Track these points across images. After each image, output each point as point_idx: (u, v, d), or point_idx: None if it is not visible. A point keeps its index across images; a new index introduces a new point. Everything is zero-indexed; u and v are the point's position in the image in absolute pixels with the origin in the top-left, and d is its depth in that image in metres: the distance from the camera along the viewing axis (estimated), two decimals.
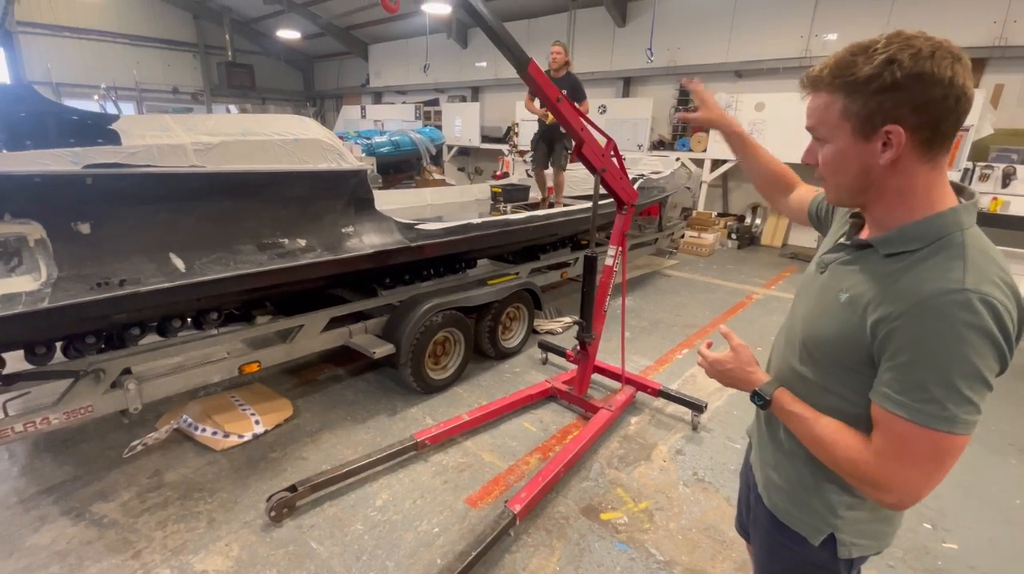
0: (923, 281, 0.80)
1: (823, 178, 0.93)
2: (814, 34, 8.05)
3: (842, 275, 0.95)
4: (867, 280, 0.89)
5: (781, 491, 1.11)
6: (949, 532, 2.40)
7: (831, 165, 0.90)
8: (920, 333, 0.79)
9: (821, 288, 0.99)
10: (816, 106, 0.89)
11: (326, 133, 2.73)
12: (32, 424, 2.17)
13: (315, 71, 19.59)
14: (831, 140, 0.89)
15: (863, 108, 0.83)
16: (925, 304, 0.79)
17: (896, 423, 0.82)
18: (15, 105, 1.93)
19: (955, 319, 0.76)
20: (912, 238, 0.85)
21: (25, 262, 1.94)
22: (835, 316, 0.92)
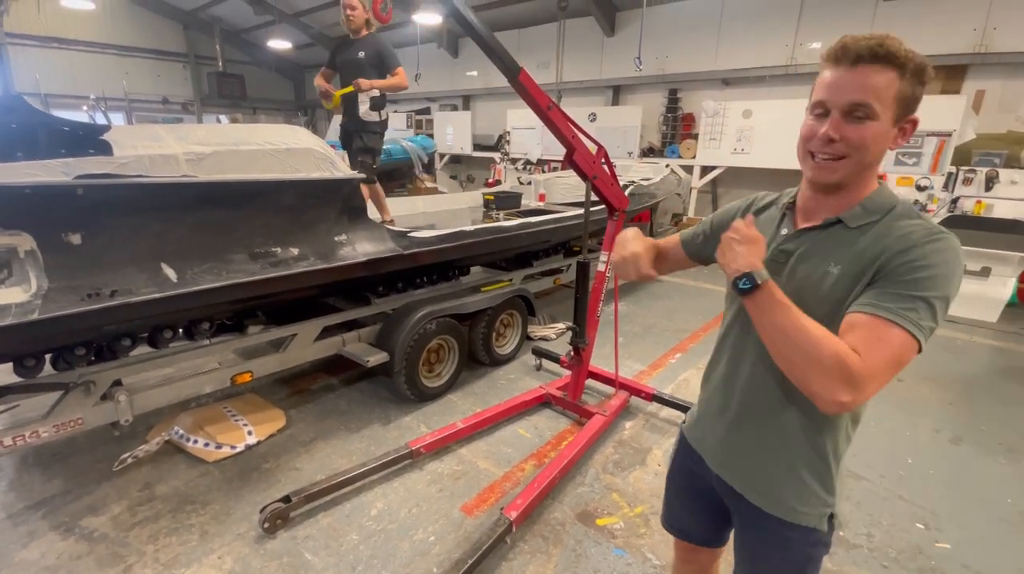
0: (912, 233, 0.92)
1: (842, 155, 0.94)
2: (799, 43, 8.20)
3: (820, 254, 1.01)
4: (852, 249, 0.97)
5: (778, 491, 1.11)
6: (942, 532, 2.43)
7: (869, 142, 0.92)
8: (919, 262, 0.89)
9: (801, 273, 1.03)
10: (877, 83, 0.89)
11: (318, 142, 2.74)
12: (21, 438, 2.14)
13: (306, 80, 19.61)
14: (878, 118, 0.90)
15: (911, 95, 0.91)
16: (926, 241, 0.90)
17: (879, 325, 0.88)
18: (5, 116, 1.92)
19: (947, 255, 0.90)
20: (872, 210, 0.98)
21: (15, 274, 1.93)
22: (832, 286, 0.98)
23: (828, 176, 0.97)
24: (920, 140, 6.64)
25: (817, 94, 0.95)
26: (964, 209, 6.22)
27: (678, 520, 1.46)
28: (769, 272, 1.01)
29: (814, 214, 1.05)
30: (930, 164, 6.63)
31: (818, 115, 0.96)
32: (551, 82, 10.70)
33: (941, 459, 3.01)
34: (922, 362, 4.36)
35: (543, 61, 11.31)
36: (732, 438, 1.18)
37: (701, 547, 1.44)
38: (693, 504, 1.38)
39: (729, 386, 1.18)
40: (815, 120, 0.96)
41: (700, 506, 1.35)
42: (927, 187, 6.60)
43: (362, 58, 4.05)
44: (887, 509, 2.57)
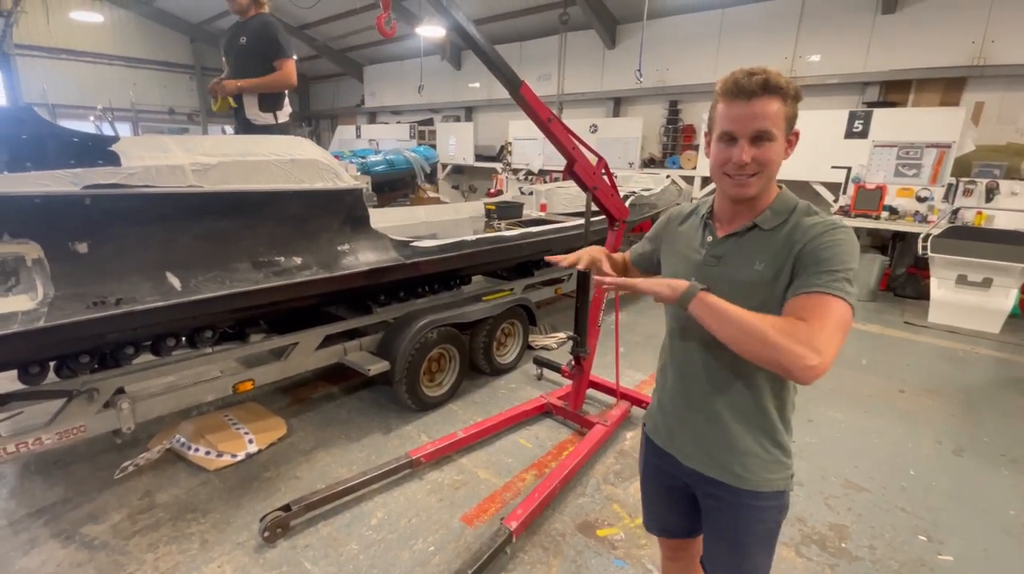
0: (815, 225, 1.11)
1: (756, 173, 1.12)
2: (798, 55, 8.28)
3: (744, 256, 1.17)
4: (770, 249, 1.14)
5: (746, 466, 1.22)
6: (944, 544, 2.41)
7: (773, 159, 1.11)
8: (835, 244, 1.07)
9: (731, 273, 1.18)
10: (772, 111, 1.08)
11: (322, 153, 2.78)
12: (24, 444, 2.15)
13: (311, 92, 19.82)
14: (775, 139, 1.10)
15: (793, 115, 1.12)
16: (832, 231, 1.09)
17: (817, 298, 1.03)
18: (16, 127, 1.96)
19: (846, 236, 1.09)
20: (780, 211, 1.17)
21: (22, 281, 1.95)
22: (759, 279, 1.14)
23: (745, 191, 1.14)
24: (920, 151, 6.68)
25: (723, 125, 1.13)
26: (965, 220, 6.23)
27: (659, 519, 1.54)
28: (704, 274, 1.22)
29: (732, 222, 1.22)
30: (930, 175, 6.65)
31: (727, 142, 1.13)
32: (552, 94, 10.80)
33: (943, 471, 2.99)
34: (924, 373, 4.36)
35: (544, 73, 11.42)
36: (699, 430, 1.28)
37: (686, 539, 1.53)
38: (670, 500, 1.46)
39: (686, 384, 1.31)
40: (725, 147, 1.13)
41: (675, 500, 1.44)
42: (927, 198, 6.62)
43: (244, 44, 3.30)
44: (889, 521, 2.55)
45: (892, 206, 6.82)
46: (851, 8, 7.70)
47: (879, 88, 7.79)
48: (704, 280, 1.17)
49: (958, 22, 6.98)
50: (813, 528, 2.49)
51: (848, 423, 3.47)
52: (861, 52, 7.71)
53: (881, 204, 6.83)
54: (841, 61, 7.86)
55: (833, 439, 3.28)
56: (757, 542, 1.27)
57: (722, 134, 1.13)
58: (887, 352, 4.86)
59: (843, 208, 7.05)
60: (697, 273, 1.23)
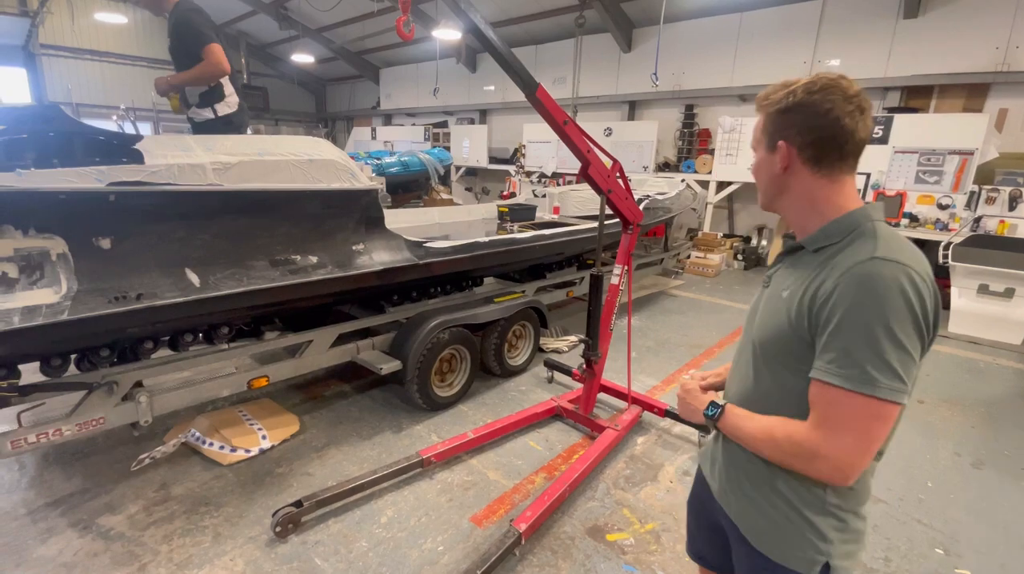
0: (846, 258, 0.93)
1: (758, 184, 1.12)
2: (817, 60, 8.18)
3: (782, 278, 1.08)
4: (802, 272, 1.01)
5: (768, 529, 1.09)
6: (962, 558, 2.36)
7: (756, 172, 1.11)
8: (842, 298, 0.89)
9: (767, 297, 1.10)
10: (755, 126, 1.11)
11: (340, 154, 2.81)
12: (45, 435, 2.20)
13: (327, 94, 20.04)
14: (756, 152, 1.11)
15: (770, 126, 1.05)
16: (848, 273, 0.90)
17: (825, 391, 0.90)
18: (43, 125, 2.01)
19: (872, 282, 0.87)
20: (832, 233, 1.00)
21: (47, 275, 2.00)
22: (779, 310, 1.02)
23: (760, 201, 1.15)
24: (942, 158, 6.56)
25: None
26: (987, 229, 6.11)
27: (696, 546, 1.46)
28: (757, 300, 1.16)
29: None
30: (952, 182, 6.53)
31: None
32: (567, 97, 10.80)
33: (962, 483, 2.93)
34: (943, 384, 4.27)
35: (559, 76, 11.42)
36: (728, 470, 1.18)
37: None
38: (707, 532, 1.36)
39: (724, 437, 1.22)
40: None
41: (712, 532, 1.33)
42: (948, 206, 6.50)
43: (170, 45, 3.17)
44: (905, 533, 2.51)
45: (912, 213, 6.71)
46: (872, 12, 7.59)
47: (900, 93, 7.67)
48: (755, 306, 1.16)
49: (982, 27, 6.85)
50: None
51: None
52: (882, 57, 7.60)
53: (901, 211, 6.73)
54: (861, 66, 7.75)
55: None
56: None
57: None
58: None
59: None
60: (756, 298, 1.18)
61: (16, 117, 2.06)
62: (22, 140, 1.96)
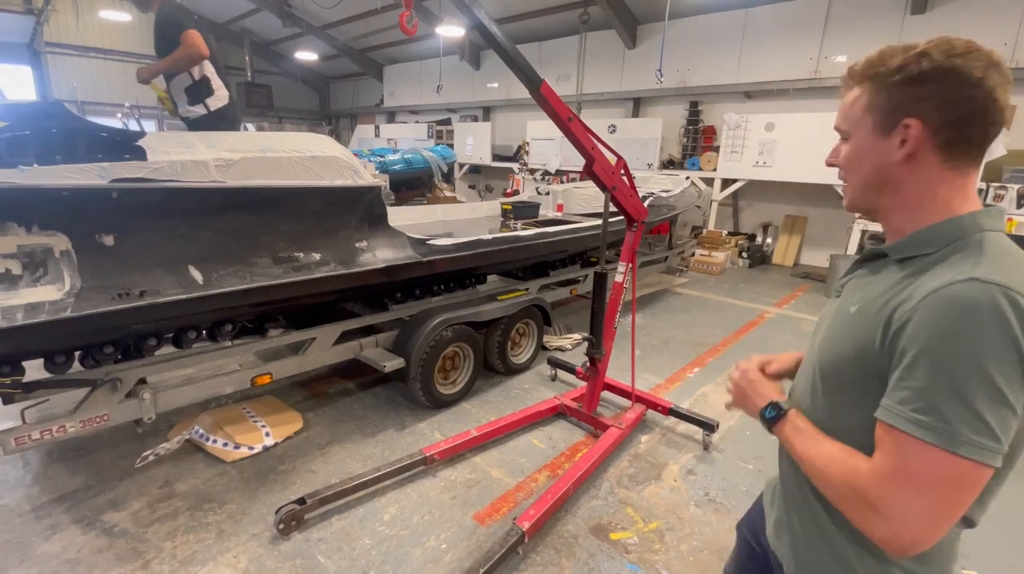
0: (936, 277, 0.74)
1: (843, 179, 0.91)
2: (823, 56, 8.12)
3: (854, 290, 0.90)
4: (879, 286, 0.83)
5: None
6: (968, 558, 2.34)
7: (851, 161, 0.88)
8: (921, 328, 0.70)
9: (835, 311, 0.92)
10: (844, 102, 0.87)
11: (342, 150, 2.80)
12: (49, 431, 2.20)
13: (331, 91, 20.05)
14: (853, 135, 0.87)
15: (887, 100, 0.81)
16: (933, 295, 0.71)
17: (895, 436, 0.72)
18: (47, 122, 2.01)
19: (963, 309, 0.68)
20: (926, 241, 0.80)
21: (50, 272, 2.00)
22: (844, 330, 0.85)
23: (847, 201, 0.93)
24: None
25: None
26: None
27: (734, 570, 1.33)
28: (826, 310, 0.98)
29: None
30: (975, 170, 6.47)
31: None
32: (571, 94, 10.76)
33: None
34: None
35: (564, 73, 11.38)
36: (784, 515, 1.03)
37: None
38: (753, 563, 1.21)
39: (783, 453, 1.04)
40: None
41: (755, 566, 1.19)
42: None
43: (156, 45, 3.28)
44: None
45: None
46: (879, 8, 7.53)
47: None
48: (823, 317, 0.97)
49: (989, 24, 6.78)
50: None
51: None
52: None
53: None
54: None
55: None
56: None
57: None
58: None
59: None
60: (826, 308, 1.00)
61: (19, 114, 2.06)
62: (25, 137, 1.96)
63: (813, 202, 8.45)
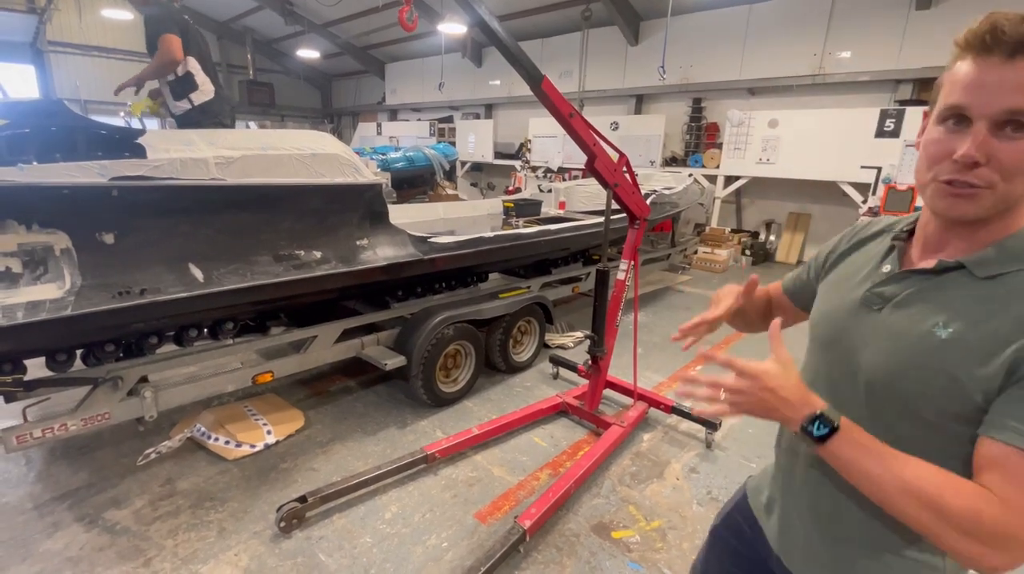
0: None
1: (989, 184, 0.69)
2: (827, 52, 8.07)
3: (927, 307, 0.77)
4: (975, 307, 0.72)
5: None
6: None
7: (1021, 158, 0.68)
8: None
9: (896, 327, 0.79)
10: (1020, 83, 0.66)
11: (343, 148, 2.79)
12: (50, 430, 2.20)
13: (333, 89, 20.04)
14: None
15: None
16: None
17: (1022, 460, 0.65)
18: (46, 120, 2.00)
19: None
20: (1016, 255, 0.72)
21: (51, 271, 2.00)
22: (937, 354, 0.73)
23: (967, 208, 0.72)
24: None
25: (953, 96, 0.71)
26: None
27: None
28: (857, 318, 0.84)
29: (933, 252, 0.81)
30: None
31: (954, 125, 0.72)
32: (574, 91, 10.72)
33: None
34: None
35: (566, 70, 11.35)
36: (804, 527, 0.94)
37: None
38: (735, 568, 1.16)
39: (799, 457, 0.95)
40: (948, 133, 0.72)
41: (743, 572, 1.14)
42: None
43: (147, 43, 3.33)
44: None
45: None
46: (884, 4, 7.47)
47: (912, 86, 7.55)
48: (855, 330, 0.85)
49: None
50: None
51: None
52: (894, 49, 7.48)
53: (912, 206, 6.63)
54: (873, 58, 7.63)
55: None
56: None
57: (948, 111, 0.72)
58: None
59: (872, 210, 6.87)
60: (848, 315, 0.87)
61: (20, 111, 2.05)
62: (25, 135, 1.96)
63: (817, 199, 8.41)
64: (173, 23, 3.28)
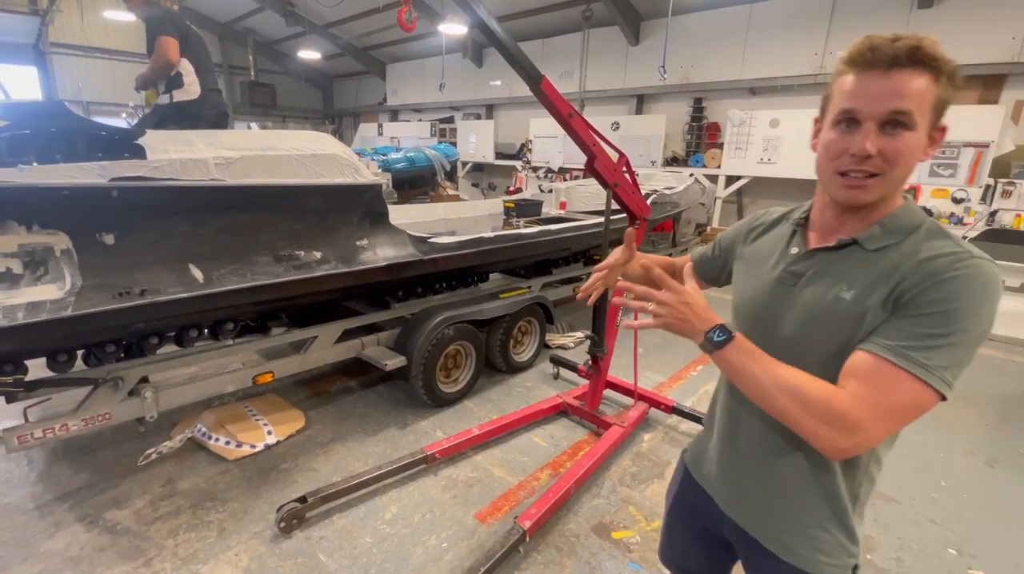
0: (938, 257, 0.82)
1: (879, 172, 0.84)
2: (828, 51, 8.06)
3: (831, 277, 0.93)
4: (868, 274, 0.88)
5: (800, 541, 1.01)
6: (975, 558, 2.31)
7: (906, 155, 0.83)
8: (944, 293, 0.80)
9: (809, 298, 0.95)
10: (916, 88, 0.80)
11: (343, 148, 2.79)
12: (51, 430, 2.21)
13: (334, 90, 20.08)
14: (916, 128, 0.82)
15: (944, 99, 0.83)
16: (954, 267, 0.80)
17: (888, 370, 0.81)
18: (46, 121, 2.01)
19: (987, 285, 0.80)
20: (894, 230, 0.89)
21: (51, 271, 2.00)
22: (843, 313, 0.89)
23: (860, 196, 0.87)
24: (957, 151, 6.44)
25: (844, 102, 0.85)
26: (1003, 223, 5.99)
27: (680, 556, 1.36)
28: (777, 294, 1.00)
29: (831, 233, 0.97)
30: (967, 176, 6.42)
31: (846, 127, 0.85)
32: (574, 91, 10.72)
33: (976, 483, 2.87)
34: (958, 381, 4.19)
35: (567, 71, 11.35)
36: (742, 479, 1.09)
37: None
38: (699, 541, 1.27)
39: (733, 422, 1.10)
40: (843, 133, 0.86)
41: (705, 543, 1.25)
42: (964, 199, 6.39)
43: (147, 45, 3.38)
44: (918, 533, 2.46)
45: (926, 207, 6.59)
46: (886, 2, 7.46)
47: None
48: (775, 303, 1.00)
49: (997, 18, 6.71)
50: None
51: None
52: None
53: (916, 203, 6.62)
54: None
55: None
56: None
57: (841, 115, 0.85)
58: None
59: None
60: (769, 294, 1.02)
61: (20, 113, 2.06)
62: (25, 136, 1.96)
63: None
64: (172, 26, 3.33)
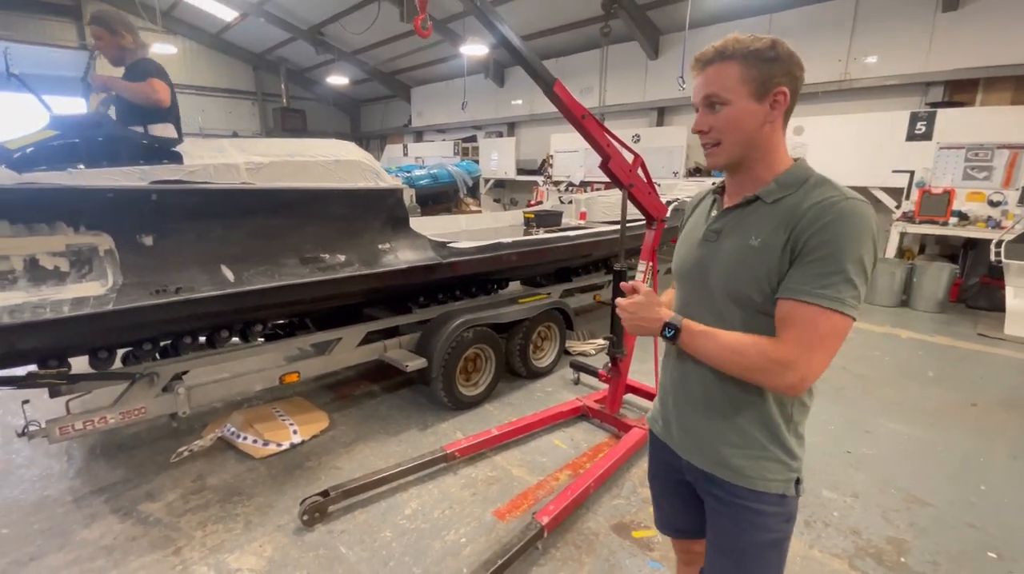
0: (818, 203, 1.01)
1: (717, 141, 1.09)
2: (852, 57, 7.96)
3: (743, 229, 1.10)
4: (770, 222, 1.06)
5: (745, 464, 1.14)
6: (1016, 562, 2.19)
7: (731, 123, 1.06)
8: (834, 233, 0.97)
9: (728, 248, 1.12)
10: (713, 76, 1.06)
11: (365, 155, 2.91)
12: (91, 422, 2.33)
13: (362, 113, 20.74)
14: (730, 103, 1.05)
15: (759, 73, 1.03)
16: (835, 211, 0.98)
17: (804, 310, 0.98)
18: (93, 130, 2.17)
19: (856, 219, 0.98)
20: (787, 184, 1.08)
21: (94, 270, 2.14)
22: (754, 258, 1.06)
23: (713, 161, 1.12)
24: (990, 153, 6.24)
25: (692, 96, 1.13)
26: None
27: (672, 518, 1.46)
28: (703, 250, 1.18)
29: (735, 194, 1.16)
30: (1002, 178, 6.20)
31: (696, 112, 1.12)
32: (594, 106, 10.83)
33: (1019, 487, 2.73)
34: (999, 387, 4.02)
35: (586, 87, 11.48)
36: (691, 420, 1.23)
37: (699, 540, 1.40)
38: (676, 498, 1.38)
39: (683, 371, 1.25)
40: (697, 116, 1.12)
41: (681, 497, 1.36)
42: (1000, 202, 6.16)
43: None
44: (955, 537, 2.35)
45: (961, 211, 6.38)
46: (909, 6, 7.36)
47: (943, 88, 7.37)
48: (704, 259, 1.17)
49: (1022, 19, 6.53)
50: (869, 541, 2.33)
51: (911, 436, 3.24)
52: (922, 52, 7.33)
53: (949, 210, 6.41)
54: (900, 62, 7.49)
55: (894, 451, 3.07)
56: (760, 554, 1.17)
57: (694, 105, 1.13)
58: (957, 365, 4.51)
59: (907, 214, 6.66)
60: (698, 251, 1.20)
61: (68, 124, 2.23)
62: (74, 144, 2.12)
63: None
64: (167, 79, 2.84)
